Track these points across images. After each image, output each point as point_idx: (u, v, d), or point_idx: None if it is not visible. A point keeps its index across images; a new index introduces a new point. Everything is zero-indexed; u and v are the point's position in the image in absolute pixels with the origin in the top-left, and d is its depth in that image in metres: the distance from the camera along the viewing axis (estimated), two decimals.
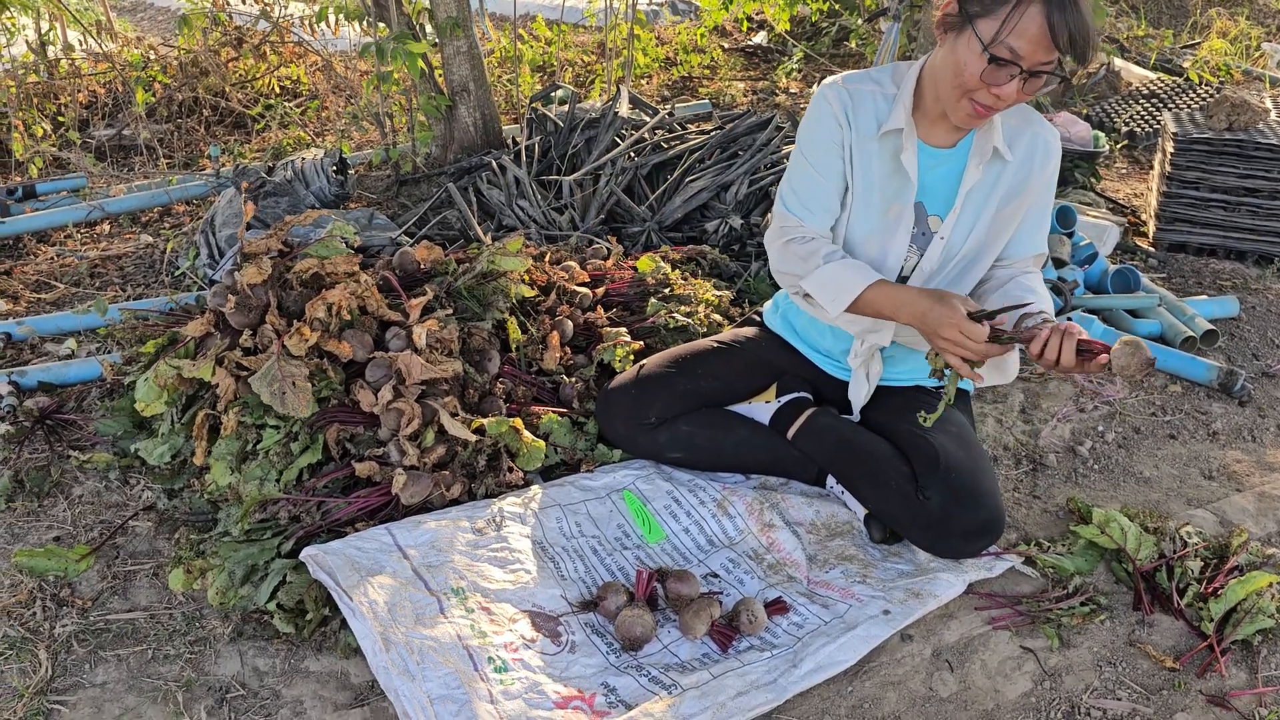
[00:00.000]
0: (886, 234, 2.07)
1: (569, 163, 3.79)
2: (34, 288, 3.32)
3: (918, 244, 2.09)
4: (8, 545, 2.13)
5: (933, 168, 2.05)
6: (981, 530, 2.03)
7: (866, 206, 2.07)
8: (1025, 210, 2.06)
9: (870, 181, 2.06)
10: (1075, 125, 4.36)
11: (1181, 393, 2.82)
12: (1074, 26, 1.75)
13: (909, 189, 2.04)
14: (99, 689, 1.79)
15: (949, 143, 2.05)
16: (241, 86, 5.07)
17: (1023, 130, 2.02)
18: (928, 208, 2.08)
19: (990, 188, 2.04)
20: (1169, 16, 7.41)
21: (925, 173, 2.05)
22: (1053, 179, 2.07)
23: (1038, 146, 2.02)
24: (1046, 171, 2.04)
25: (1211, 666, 1.86)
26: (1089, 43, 1.77)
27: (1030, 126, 2.03)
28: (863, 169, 2.06)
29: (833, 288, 2.01)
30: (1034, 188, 2.04)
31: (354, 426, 2.15)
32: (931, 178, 2.06)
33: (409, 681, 1.62)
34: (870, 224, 2.08)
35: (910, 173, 2.02)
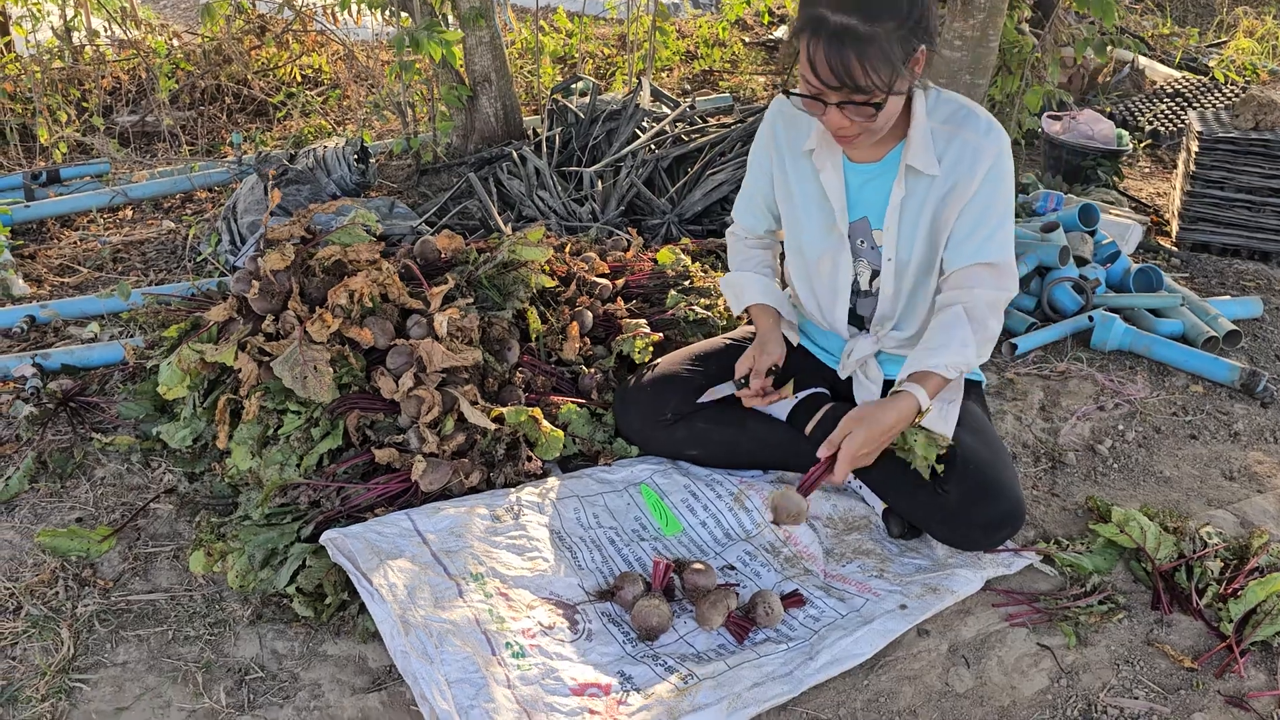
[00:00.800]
0: (834, 252, 2.11)
1: (589, 154, 3.79)
2: (57, 271, 3.35)
3: (869, 259, 2.10)
4: (31, 525, 2.16)
5: (864, 184, 2.04)
6: (1001, 522, 2.03)
7: (812, 225, 2.12)
8: (958, 216, 1.96)
9: (808, 200, 2.10)
10: (1099, 123, 4.33)
11: (1203, 393, 2.80)
12: (842, 62, 1.73)
13: (839, 207, 2.05)
14: (120, 668, 1.81)
15: (874, 157, 2.01)
16: (263, 74, 5.09)
17: (952, 137, 1.93)
18: (872, 222, 2.07)
19: (921, 201, 1.98)
20: (1195, 15, 7.35)
21: (858, 189, 2.05)
22: (994, 182, 1.93)
23: (965, 152, 1.92)
24: (976, 175, 1.92)
25: (1230, 667, 1.85)
26: (869, 76, 1.74)
27: (960, 132, 1.93)
28: (799, 188, 2.10)
29: (731, 294, 2.31)
30: (962, 193, 1.94)
31: (374, 413, 2.16)
32: (867, 193, 2.04)
33: (427, 664, 1.63)
34: (820, 243, 2.12)
35: (828, 192, 2.04)
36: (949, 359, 1.92)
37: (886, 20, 1.72)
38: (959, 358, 1.93)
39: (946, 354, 1.93)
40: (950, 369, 1.93)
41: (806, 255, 2.17)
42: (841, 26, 1.72)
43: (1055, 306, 3.14)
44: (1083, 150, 4.22)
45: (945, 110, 1.95)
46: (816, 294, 2.22)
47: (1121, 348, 2.98)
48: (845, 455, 1.89)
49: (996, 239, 1.96)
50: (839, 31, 1.72)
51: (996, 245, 1.96)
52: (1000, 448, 2.11)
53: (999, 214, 1.95)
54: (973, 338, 1.93)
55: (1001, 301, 1.98)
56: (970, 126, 1.93)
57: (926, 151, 1.94)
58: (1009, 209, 1.97)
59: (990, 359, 2.93)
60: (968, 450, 2.04)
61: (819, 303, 2.23)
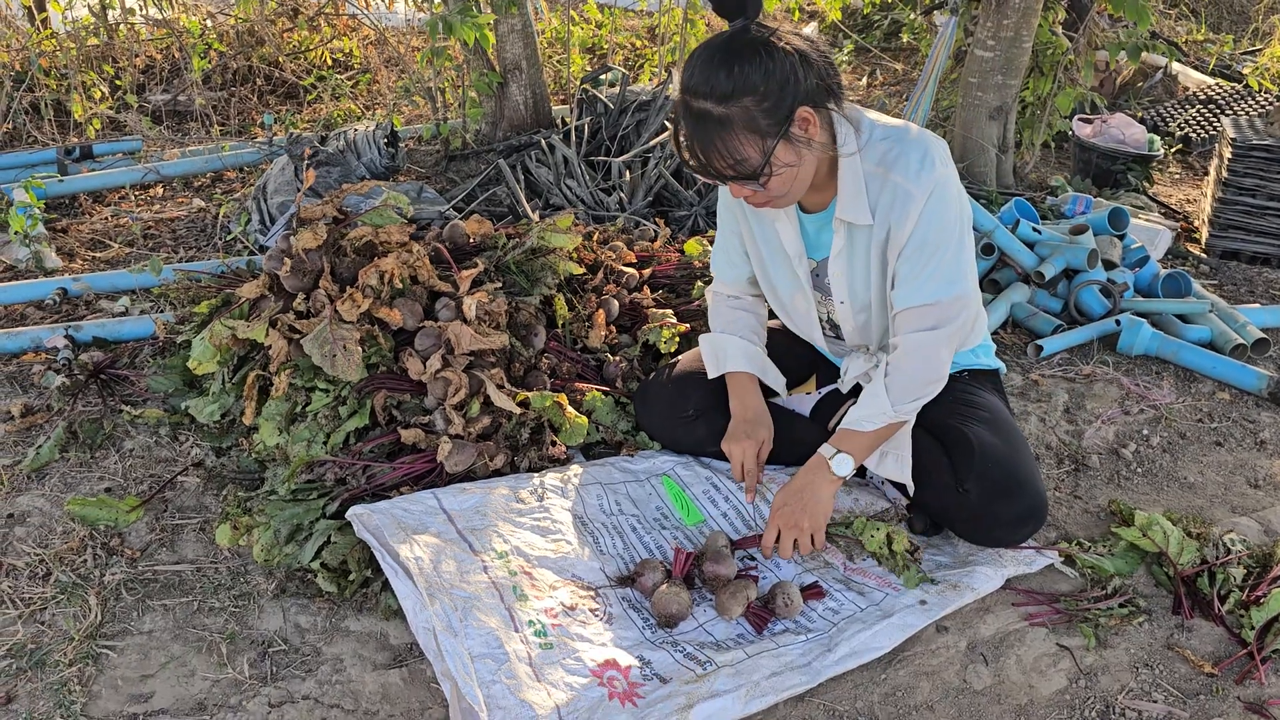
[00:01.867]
0: (801, 292, 2.13)
1: (618, 144, 3.80)
2: (89, 246, 3.39)
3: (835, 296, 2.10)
4: (61, 494, 2.19)
5: (818, 230, 2.05)
6: (1024, 519, 2.03)
7: (778, 269, 2.14)
8: (898, 259, 1.92)
9: (771, 247, 2.13)
10: (1130, 127, 4.31)
11: (1230, 400, 2.79)
12: (704, 147, 1.76)
13: (796, 254, 2.07)
14: (146, 636, 1.83)
15: (820, 205, 2.01)
16: (295, 57, 5.12)
17: (885, 181, 1.87)
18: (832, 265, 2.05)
19: (865, 248, 1.96)
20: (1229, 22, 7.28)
21: (815, 234, 2.06)
22: (929, 220, 1.86)
23: (897, 198, 1.86)
24: (909, 220, 1.86)
25: (1251, 674, 1.84)
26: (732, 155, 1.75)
27: (890, 176, 1.87)
28: (762, 236, 2.13)
29: (709, 356, 2.25)
30: (897, 239, 1.89)
31: (401, 393, 2.18)
32: (823, 238, 2.05)
33: (451, 637, 1.64)
34: (788, 284, 2.15)
35: (783, 239, 2.06)
36: (861, 412, 2.00)
37: (741, 98, 1.72)
38: (871, 410, 1.98)
39: (860, 409, 2.00)
40: (863, 421, 1.99)
41: (780, 297, 2.21)
42: (700, 112, 1.74)
43: (1082, 309, 3.13)
44: (1113, 154, 4.20)
45: (878, 152, 1.88)
46: (798, 328, 2.27)
47: (1148, 353, 2.96)
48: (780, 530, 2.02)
49: (935, 278, 1.90)
50: (700, 116, 1.74)
51: (934, 285, 1.90)
52: (1020, 441, 2.10)
53: (936, 249, 1.89)
54: (884, 391, 1.97)
55: (932, 341, 1.94)
56: (899, 169, 1.86)
57: (857, 202, 1.90)
58: (950, 240, 1.89)
59: (1015, 360, 2.93)
60: (986, 447, 2.04)
61: (802, 335, 2.29)
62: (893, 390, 1.97)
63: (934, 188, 1.85)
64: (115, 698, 1.70)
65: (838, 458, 1.99)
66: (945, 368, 2.00)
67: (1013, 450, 2.06)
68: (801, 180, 1.85)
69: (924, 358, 1.96)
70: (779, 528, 2.02)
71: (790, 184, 1.84)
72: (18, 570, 1.97)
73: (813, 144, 1.82)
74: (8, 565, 1.98)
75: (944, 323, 1.93)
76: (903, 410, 1.98)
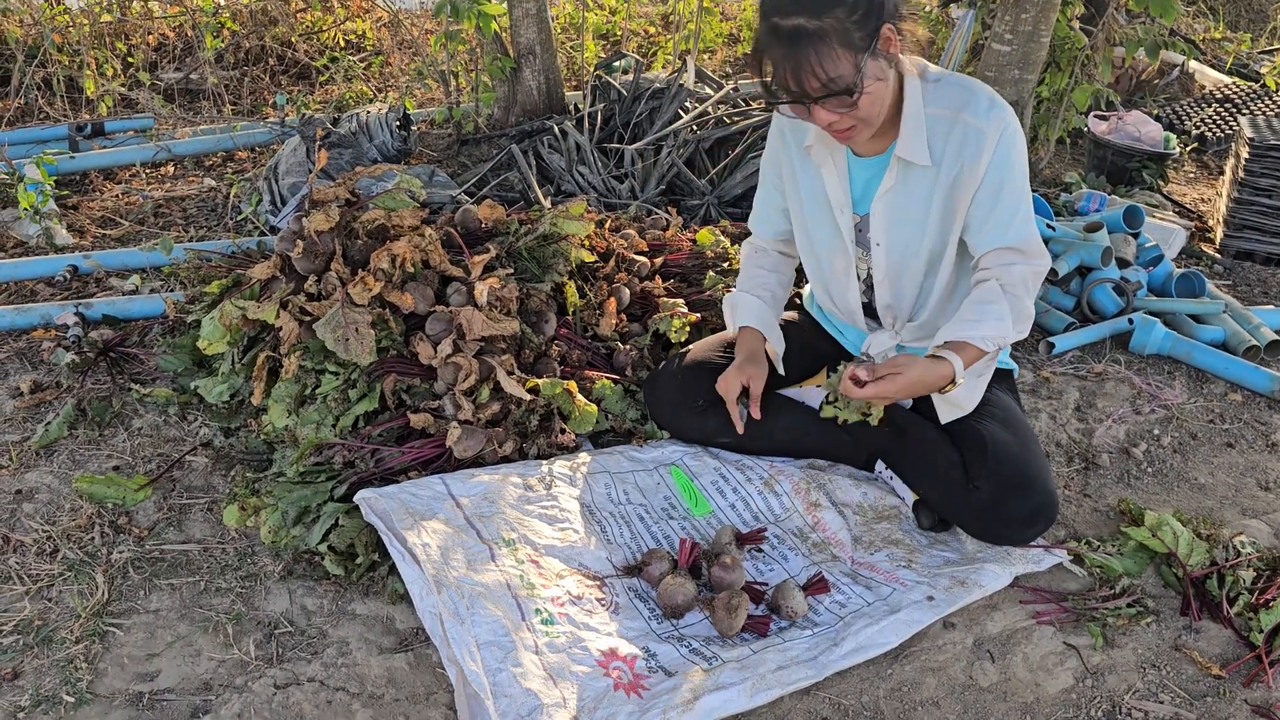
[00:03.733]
0: (842, 245, 2.10)
1: (631, 132, 3.78)
2: (100, 223, 3.38)
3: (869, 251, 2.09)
4: (69, 471, 2.19)
5: (865, 178, 2.03)
6: (1034, 517, 2.02)
7: (819, 223, 2.12)
8: (971, 202, 1.93)
9: (814, 199, 2.10)
10: (1146, 125, 4.28)
11: (1241, 402, 2.77)
12: (802, 63, 1.75)
13: (840, 203, 2.05)
14: (153, 615, 1.83)
15: (878, 150, 2.00)
16: (308, 37, 5.10)
17: (953, 122, 1.89)
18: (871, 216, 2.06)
19: (926, 193, 1.95)
20: (1248, 20, 7.22)
21: (865, 183, 2.03)
22: (1002, 162, 1.88)
23: (968, 137, 1.88)
24: (982, 160, 1.88)
25: (1259, 677, 1.83)
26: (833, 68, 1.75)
27: (960, 116, 1.89)
28: (806, 188, 2.11)
29: (728, 313, 2.28)
30: (970, 180, 1.91)
31: (411, 378, 2.18)
32: (868, 187, 2.03)
33: (458, 624, 1.64)
34: (828, 240, 2.12)
35: (828, 188, 2.05)
36: (986, 331, 1.90)
37: (834, 9, 1.73)
38: (995, 331, 1.89)
39: (983, 327, 1.90)
40: (987, 342, 1.90)
41: (818, 254, 2.18)
42: (793, 29, 1.74)
43: (1095, 307, 3.11)
44: (1129, 151, 4.17)
45: (944, 95, 1.91)
46: (831, 292, 2.23)
47: (1161, 352, 2.95)
48: (876, 390, 1.89)
49: (1016, 220, 1.92)
50: (792, 35, 1.74)
51: (1017, 226, 1.92)
52: (1032, 440, 2.10)
53: (1014, 190, 1.91)
54: (1009, 312, 1.90)
55: (1036, 276, 1.95)
56: (970, 109, 1.89)
57: (917, 141, 1.90)
58: (1024, 186, 1.93)
59: (1027, 358, 2.91)
60: (999, 444, 2.03)
61: (834, 300, 2.25)
62: (1016, 317, 1.91)
63: (1004, 127, 1.88)
64: (121, 676, 1.70)
65: (958, 363, 1.89)
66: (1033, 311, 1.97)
67: (1025, 449, 2.05)
68: (882, 103, 1.84)
69: (1031, 294, 1.94)
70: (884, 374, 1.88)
71: (876, 106, 1.83)
72: (25, 546, 1.97)
73: (894, 63, 1.83)
74: (15, 541, 1.98)
75: (1038, 256, 1.94)
76: (1019, 336, 1.93)
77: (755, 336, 2.23)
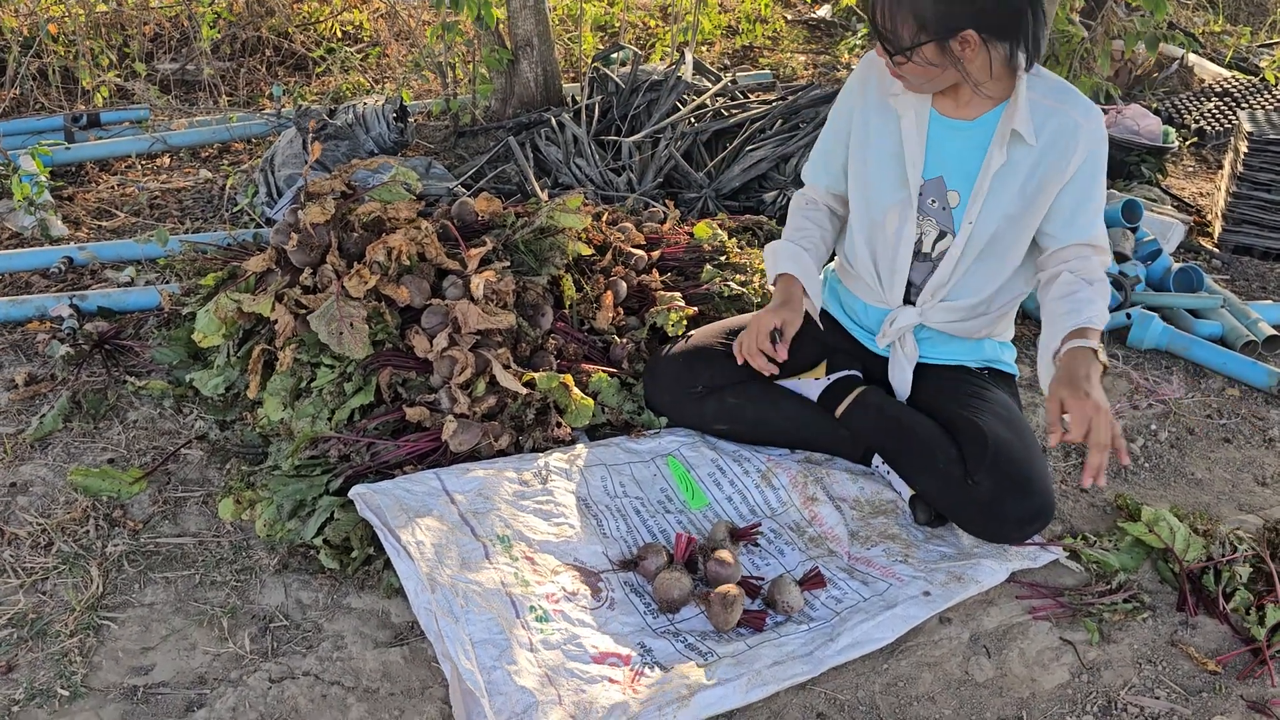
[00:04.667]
0: (902, 209, 2.08)
1: (629, 124, 3.77)
2: (95, 215, 3.37)
3: (938, 219, 2.07)
4: (64, 463, 2.18)
5: (951, 140, 2.02)
6: (1033, 517, 2.01)
7: (883, 178, 2.08)
8: (1058, 193, 1.97)
9: (883, 153, 2.08)
10: (1145, 119, 4.26)
11: (1239, 397, 2.77)
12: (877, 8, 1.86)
13: (913, 158, 2.04)
14: (147, 609, 1.83)
15: (970, 115, 2.00)
16: (304, 28, 5.08)
17: (1053, 111, 1.93)
18: (947, 182, 2.04)
19: (1014, 170, 1.97)
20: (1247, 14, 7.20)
21: (940, 145, 2.03)
22: (1095, 162, 1.95)
23: (1065, 128, 1.92)
24: (1077, 153, 1.93)
25: (1254, 672, 1.83)
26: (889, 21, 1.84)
27: (1062, 107, 1.93)
28: (877, 139, 2.08)
29: (770, 260, 2.21)
30: (1059, 169, 1.94)
31: (407, 371, 2.17)
32: (949, 150, 2.02)
33: (453, 623, 1.64)
34: (888, 197, 2.09)
35: (905, 139, 2.03)
36: (1095, 311, 1.90)
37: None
38: (1098, 309, 1.91)
39: (1091, 308, 1.90)
40: (1097, 320, 1.89)
41: (872, 211, 2.13)
42: None
43: None
44: (1127, 145, 4.16)
45: (1045, 85, 1.95)
46: (876, 254, 2.17)
47: (1159, 347, 2.94)
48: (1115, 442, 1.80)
49: (1096, 216, 1.99)
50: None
51: (1095, 223, 2.00)
52: (1033, 441, 2.10)
53: (1101, 192, 1.99)
54: (1097, 294, 1.93)
55: (1103, 271, 2.01)
56: (1072, 103, 1.94)
57: (1027, 118, 1.93)
58: (1104, 184, 2.00)
59: (1025, 352, 2.90)
60: (1001, 443, 2.03)
61: (877, 265, 2.17)
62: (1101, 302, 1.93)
63: (1100, 132, 1.95)
64: (116, 669, 1.70)
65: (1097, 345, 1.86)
66: None
67: (1026, 448, 2.05)
68: (933, 83, 1.93)
69: (1105, 285, 1.97)
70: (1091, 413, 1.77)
71: (923, 80, 1.92)
72: (20, 539, 1.96)
73: (963, 65, 1.87)
74: (10, 534, 1.97)
75: (1106, 264, 2.01)
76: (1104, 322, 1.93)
77: (795, 284, 2.16)
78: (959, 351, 2.24)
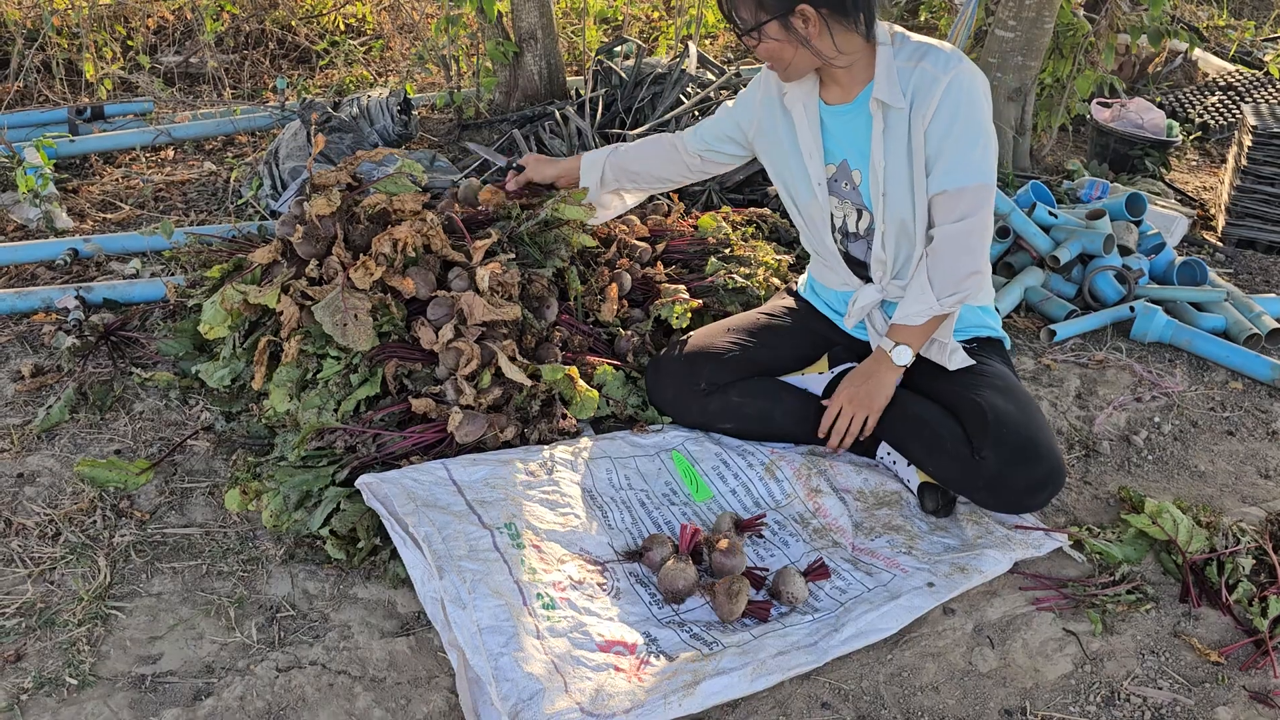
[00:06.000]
0: (815, 197, 2.19)
1: (633, 118, 3.77)
2: (100, 207, 3.38)
3: (852, 200, 2.17)
4: (71, 455, 2.19)
5: (840, 124, 2.12)
6: (1043, 482, 2.04)
7: (797, 171, 2.21)
8: (925, 140, 2.02)
9: (792, 147, 2.20)
10: (1149, 112, 4.26)
11: (1242, 390, 2.77)
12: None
13: (809, 149, 2.15)
14: (155, 598, 1.84)
15: (848, 97, 2.10)
16: (308, 21, 5.08)
17: (913, 70, 2.00)
18: (850, 163, 2.14)
19: (894, 136, 2.04)
20: (1251, 8, 7.19)
21: (835, 130, 2.13)
22: (950, 106, 1.96)
23: (924, 80, 1.99)
24: (934, 98, 1.96)
25: (1257, 663, 1.84)
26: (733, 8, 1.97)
27: (920, 64, 2.00)
28: (785, 136, 2.20)
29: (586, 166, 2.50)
30: (922, 121, 1.99)
31: (412, 363, 2.17)
32: (842, 134, 2.13)
33: (460, 610, 1.64)
34: (805, 187, 2.22)
35: (798, 128, 2.15)
36: (909, 309, 2.09)
37: None
38: (918, 305, 2.08)
39: (907, 305, 2.10)
40: (912, 317, 2.10)
41: (798, 203, 2.28)
42: None
43: (1096, 295, 3.11)
44: (1131, 139, 4.16)
45: (908, 49, 2.03)
46: (813, 242, 2.32)
47: (1162, 340, 2.95)
48: (839, 428, 2.18)
49: (962, 164, 1.99)
50: None
51: (960, 171, 2.00)
52: (1032, 406, 2.12)
53: (962, 136, 1.98)
54: (928, 285, 2.06)
55: (964, 231, 2.03)
56: (930, 58, 2.00)
57: (891, 85, 2.00)
58: (974, 130, 1.99)
59: (1028, 344, 2.91)
60: (1000, 412, 2.04)
61: (819, 251, 2.32)
62: (935, 284, 2.06)
63: (957, 74, 1.97)
64: (124, 658, 1.71)
65: (897, 349, 2.13)
66: (982, 260, 2.07)
67: (1027, 416, 2.06)
68: (796, 66, 2.02)
69: (960, 248, 2.04)
70: (841, 407, 2.18)
71: (779, 60, 2.01)
72: (27, 530, 1.97)
73: (808, 43, 1.96)
74: (18, 525, 1.98)
75: (971, 212, 2.02)
76: (946, 303, 2.07)
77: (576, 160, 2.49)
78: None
